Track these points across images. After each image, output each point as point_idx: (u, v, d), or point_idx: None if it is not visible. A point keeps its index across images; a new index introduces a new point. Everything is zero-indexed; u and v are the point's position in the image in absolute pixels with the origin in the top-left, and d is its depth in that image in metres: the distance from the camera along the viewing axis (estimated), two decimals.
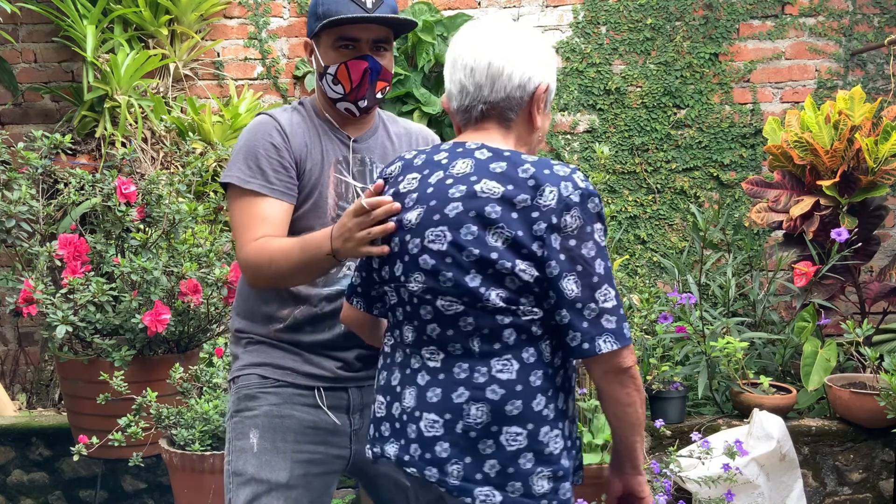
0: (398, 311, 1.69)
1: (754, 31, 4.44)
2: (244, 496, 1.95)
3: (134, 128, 3.92)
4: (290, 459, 1.96)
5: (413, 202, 1.65)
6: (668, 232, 4.45)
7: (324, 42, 1.98)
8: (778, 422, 3.16)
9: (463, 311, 1.59)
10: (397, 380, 1.69)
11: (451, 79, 1.70)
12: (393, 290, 1.68)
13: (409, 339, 1.68)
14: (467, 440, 1.59)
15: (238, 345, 2.07)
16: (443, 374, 1.62)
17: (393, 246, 1.66)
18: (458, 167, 1.63)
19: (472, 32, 1.69)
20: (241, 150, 1.97)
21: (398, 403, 1.67)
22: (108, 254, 3.22)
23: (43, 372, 4.19)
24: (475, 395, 1.59)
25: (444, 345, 1.62)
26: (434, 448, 1.61)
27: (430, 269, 1.60)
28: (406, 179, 1.69)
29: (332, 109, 2.04)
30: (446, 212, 1.60)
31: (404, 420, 1.65)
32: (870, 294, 3.86)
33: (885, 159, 3.61)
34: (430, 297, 1.61)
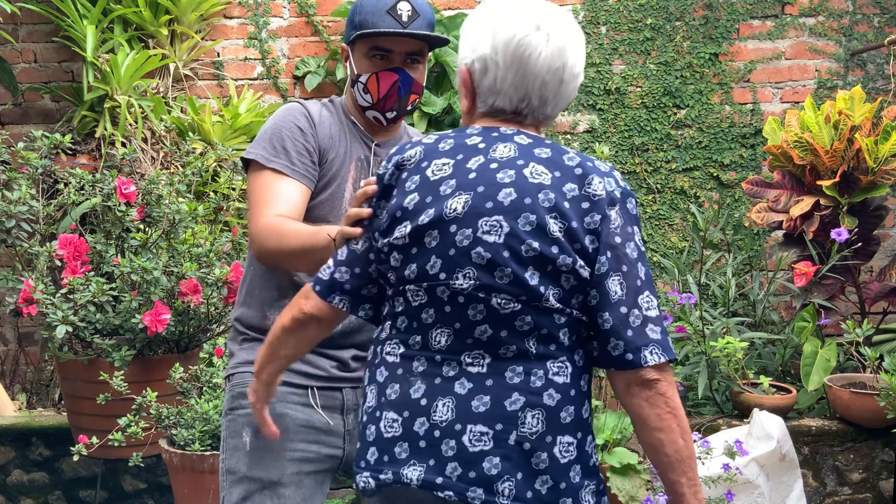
0: (424, 313, 1.50)
1: (754, 31, 4.44)
2: (237, 494, 1.96)
3: (134, 128, 3.92)
4: (282, 458, 1.96)
5: (452, 189, 1.48)
6: (668, 232, 4.45)
7: (358, 50, 2.00)
8: (778, 422, 3.16)
9: (520, 309, 1.44)
10: (421, 392, 1.49)
11: (513, 82, 1.52)
12: (422, 290, 1.49)
13: (441, 344, 1.49)
14: (521, 453, 1.44)
15: (235, 341, 2.08)
16: (491, 380, 1.46)
17: (429, 241, 1.48)
18: (499, 151, 1.50)
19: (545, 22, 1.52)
20: (267, 131, 2.00)
21: (424, 419, 1.47)
22: (108, 254, 3.22)
23: (43, 372, 4.19)
24: (532, 401, 1.45)
25: (494, 347, 1.46)
26: (482, 465, 1.43)
27: (485, 264, 1.44)
28: (434, 165, 1.52)
29: (360, 116, 2.07)
30: (500, 199, 1.45)
31: (436, 436, 1.46)
32: (870, 294, 3.86)
33: (885, 159, 3.61)
34: (484, 294, 1.45)
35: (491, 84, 1.54)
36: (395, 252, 1.51)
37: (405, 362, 1.52)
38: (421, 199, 1.50)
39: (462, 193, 1.47)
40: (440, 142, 1.55)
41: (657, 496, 2.77)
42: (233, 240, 3.45)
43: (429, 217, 1.48)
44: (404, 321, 1.53)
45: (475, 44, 1.54)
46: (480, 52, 1.53)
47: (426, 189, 1.50)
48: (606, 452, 2.87)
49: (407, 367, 1.52)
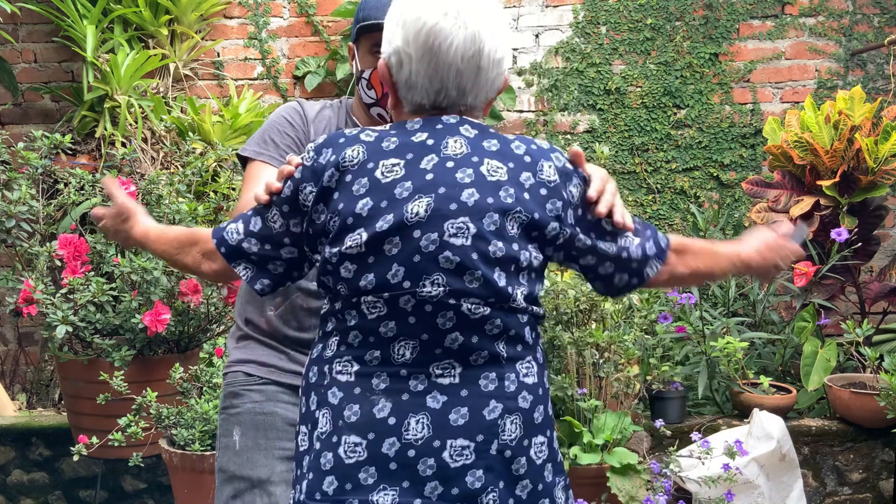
0: (383, 326, 1.41)
1: (754, 31, 4.44)
2: (226, 493, 1.98)
3: (134, 128, 3.92)
4: (271, 456, 1.97)
5: (409, 192, 1.40)
6: (668, 232, 4.45)
7: (362, 47, 2.00)
8: (778, 422, 3.16)
9: (490, 312, 1.40)
10: (387, 410, 1.40)
11: (426, 74, 1.44)
12: (381, 301, 1.40)
13: (405, 357, 1.41)
14: (502, 461, 1.40)
15: (233, 337, 2.10)
16: (465, 390, 1.41)
17: (388, 248, 1.39)
18: (451, 147, 1.43)
19: (457, 10, 1.43)
20: (262, 128, 2.03)
21: (394, 439, 1.39)
22: (108, 254, 3.22)
23: (43, 372, 4.19)
24: (509, 407, 1.41)
25: (465, 355, 1.41)
26: (465, 479, 1.38)
27: (454, 268, 1.38)
28: (382, 166, 1.42)
29: (365, 115, 2.05)
30: (463, 199, 1.39)
31: (410, 456, 1.38)
32: (870, 294, 3.86)
33: (885, 159, 3.61)
34: (455, 300, 1.39)
35: (406, 78, 1.46)
36: (348, 262, 1.41)
37: (362, 380, 1.42)
38: (375, 204, 1.40)
39: (422, 196, 1.39)
40: (382, 140, 1.45)
41: (657, 496, 2.77)
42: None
43: (387, 223, 1.38)
44: (357, 336, 1.43)
45: (390, 36, 1.47)
46: (394, 44, 1.45)
47: (379, 193, 1.40)
48: (606, 452, 2.87)
49: (365, 385, 1.41)
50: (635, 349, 3.06)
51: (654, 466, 2.85)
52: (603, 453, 2.87)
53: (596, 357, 3.05)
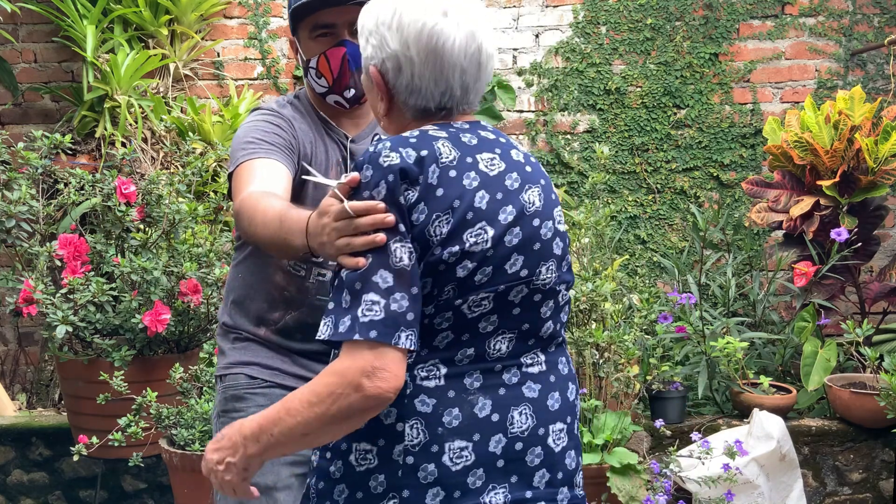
0: (483, 322, 1.37)
1: (754, 31, 4.44)
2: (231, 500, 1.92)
3: (134, 128, 3.92)
4: (276, 462, 1.92)
5: (519, 182, 1.40)
6: (668, 232, 4.45)
7: (302, 35, 1.90)
8: (778, 422, 3.16)
9: (567, 299, 1.48)
10: (489, 408, 1.37)
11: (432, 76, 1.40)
12: (489, 297, 1.36)
13: (501, 351, 1.39)
14: (577, 440, 1.48)
15: (226, 339, 2.02)
16: (552, 376, 1.45)
17: (509, 239, 1.36)
18: (517, 146, 1.49)
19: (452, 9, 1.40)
20: (237, 140, 1.88)
21: (500, 435, 1.37)
22: (108, 254, 3.22)
23: (43, 372, 4.19)
24: (576, 387, 1.50)
25: (547, 343, 1.45)
26: (564, 462, 1.43)
27: (560, 254, 1.44)
28: (482, 160, 1.38)
29: (323, 104, 1.96)
30: (554, 190, 1.47)
31: (517, 450, 1.38)
32: (870, 294, 3.86)
33: (885, 159, 3.61)
34: (558, 286, 1.44)
35: (408, 82, 1.41)
36: (468, 260, 1.33)
37: (454, 382, 1.37)
38: (492, 197, 1.36)
39: (532, 186, 1.41)
40: (458, 135, 1.40)
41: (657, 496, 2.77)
42: (232, 240, 3.45)
43: (510, 215, 1.37)
44: (447, 337, 1.36)
45: (380, 41, 1.41)
46: (389, 49, 1.40)
47: (491, 185, 1.36)
48: (606, 452, 2.87)
49: (458, 387, 1.37)
50: (635, 349, 3.06)
51: (654, 466, 2.86)
52: (603, 453, 2.87)
53: (596, 357, 3.05)
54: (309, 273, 1.92)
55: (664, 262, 4.19)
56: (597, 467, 2.83)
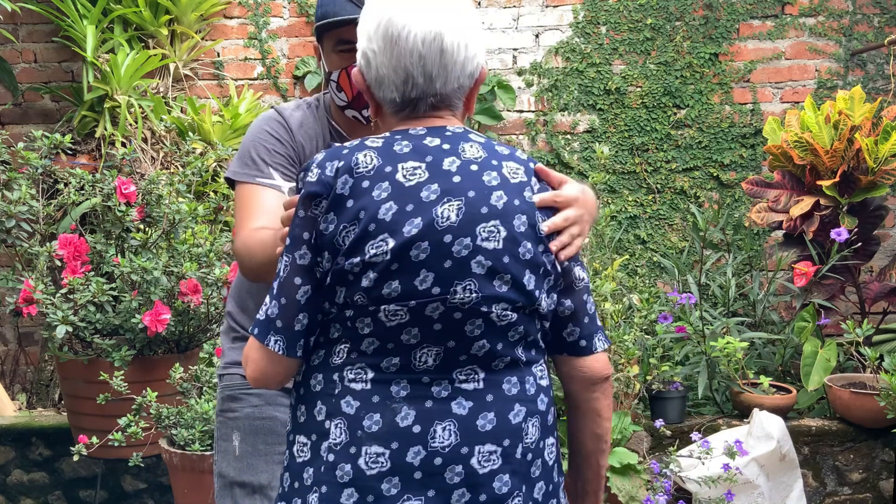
0: (405, 334, 1.36)
1: (754, 31, 4.44)
2: (227, 499, 1.95)
3: (134, 128, 3.92)
4: (271, 461, 1.94)
5: (437, 195, 1.34)
6: (668, 232, 4.45)
7: (326, 46, 1.89)
8: (778, 422, 3.16)
9: (516, 319, 1.38)
10: (411, 418, 1.36)
11: (390, 64, 1.39)
12: (403, 309, 1.35)
13: (427, 364, 1.37)
14: (524, 464, 1.40)
15: (227, 337, 2.05)
16: (490, 395, 1.38)
17: (416, 254, 1.33)
18: (469, 151, 1.40)
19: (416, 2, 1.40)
20: (242, 145, 1.93)
21: (419, 447, 1.35)
22: (108, 254, 3.22)
23: (43, 372, 4.19)
24: (531, 410, 1.41)
25: (488, 361, 1.39)
26: (492, 485, 1.37)
27: (486, 273, 1.34)
28: (402, 170, 1.36)
29: (341, 116, 1.96)
30: (493, 202, 1.36)
31: (437, 465, 1.35)
32: (870, 294, 3.86)
33: (885, 159, 3.61)
34: (486, 306, 1.35)
35: (375, 75, 1.41)
36: (370, 271, 1.33)
37: (380, 388, 1.37)
38: (400, 209, 1.33)
39: (451, 199, 1.34)
40: (392, 144, 1.38)
41: (657, 496, 2.77)
42: (232, 240, 3.44)
43: (416, 227, 1.32)
44: (373, 343, 1.37)
45: (360, 42, 1.44)
46: (362, 46, 1.42)
47: (403, 197, 1.33)
48: None
49: (384, 393, 1.36)
50: (635, 349, 3.06)
51: (654, 466, 2.86)
52: None
53: None
54: None
55: (664, 262, 4.19)
56: None
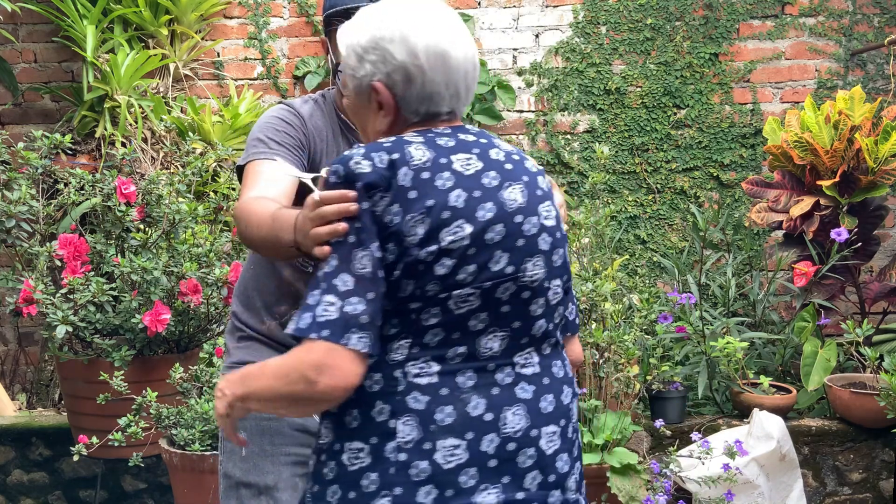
0: (473, 320, 1.38)
1: (754, 31, 4.44)
2: (233, 500, 1.95)
3: (134, 128, 3.92)
4: (278, 462, 1.94)
5: (498, 180, 1.41)
6: (668, 232, 4.45)
7: (334, 38, 1.89)
8: (778, 422, 3.16)
9: (562, 297, 1.47)
10: (482, 407, 1.38)
11: (443, 81, 1.44)
12: (475, 294, 1.37)
13: (493, 350, 1.40)
14: (574, 444, 1.48)
15: (232, 336, 2.05)
16: (546, 378, 1.45)
17: (491, 236, 1.37)
18: (500, 145, 1.49)
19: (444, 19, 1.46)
20: (251, 135, 1.93)
21: (493, 435, 1.38)
22: (108, 254, 3.22)
23: (43, 372, 4.19)
24: (574, 390, 1.51)
25: (540, 343, 1.45)
26: (556, 465, 1.43)
27: (548, 249, 1.44)
28: (457, 160, 1.40)
29: None
30: (541, 185, 1.47)
31: (510, 450, 1.39)
32: (870, 294, 3.86)
33: (885, 159, 3.61)
34: (547, 283, 1.44)
35: (420, 91, 1.44)
36: (446, 258, 1.35)
37: (446, 379, 1.37)
38: (468, 195, 1.37)
39: (512, 183, 1.42)
40: (435, 139, 1.43)
41: (657, 496, 2.76)
42: (233, 240, 3.45)
43: (489, 211, 1.38)
44: (438, 334, 1.38)
45: (382, 56, 1.44)
46: (396, 62, 1.43)
47: (467, 184, 1.38)
48: (606, 452, 2.87)
49: (451, 384, 1.37)
50: (635, 349, 3.06)
51: (654, 466, 2.86)
52: (603, 453, 2.87)
53: (596, 357, 3.05)
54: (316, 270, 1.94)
55: (664, 262, 4.19)
56: (597, 467, 2.83)
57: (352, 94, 1.51)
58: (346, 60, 1.48)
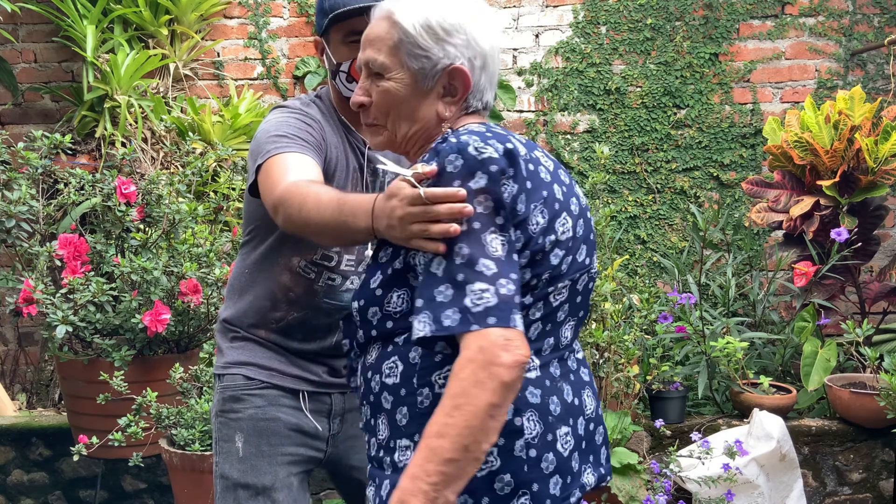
0: (561, 311, 1.43)
1: (754, 31, 4.44)
2: (231, 501, 1.94)
3: (134, 128, 3.92)
4: (274, 463, 1.94)
5: (569, 178, 1.49)
6: (668, 232, 4.45)
7: (334, 38, 1.87)
8: (778, 422, 3.16)
9: None
10: (570, 393, 1.44)
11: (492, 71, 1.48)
12: (567, 285, 1.42)
13: (567, 338, 1.47)
14: None
15: (224, 337, 2.02)
16: (584, 364, 1.54)
17: (578, 230, 1.43)
18: None
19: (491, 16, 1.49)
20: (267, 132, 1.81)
21: (581, 417, 1.45)
22: (108, 254, 3.22)
23: (43, 372, 4.19)
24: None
25: None
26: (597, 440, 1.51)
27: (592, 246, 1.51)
28: (541, 156, 1.45)
29: (347, 110, 1.91)
30: None
31: (591, 430, 1.47)
32: (870, 294, 3.86)
33: (884, 159, 3.61)
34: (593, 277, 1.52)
35: (485, 80, 1.47)
36: (558, 248, 1.38)
37: (545, 371, 1.40)
38: (561, 189, 1.42)
39: (574, 182, 1.50)
40: (511, 134, 1.44)
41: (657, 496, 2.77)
42: (233, 240, 3.45)
43: (576, 206, 1.45)
44: (538, 328, 1.40)
45: (468, 40, 1.43)
46: (479, 47, 1.44)
47: (557, 179, 1.42)
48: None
49: (549, 375, 1.41)
50: (635, 349, 3.06)
51: (654, 466, 2.86)
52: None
53: (596, 357, 3.05)
54: (319, 276, 1.93)
55: (664, 262, 4.19)
56: None
57: (404, 77, 1.44)
58: (415, 39, 1.43)
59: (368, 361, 1.43)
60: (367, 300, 1.41)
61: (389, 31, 1.44)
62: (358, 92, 1.51)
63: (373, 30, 1.48)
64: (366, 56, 1.48)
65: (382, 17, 1.47)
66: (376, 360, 1.41)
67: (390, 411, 1.37)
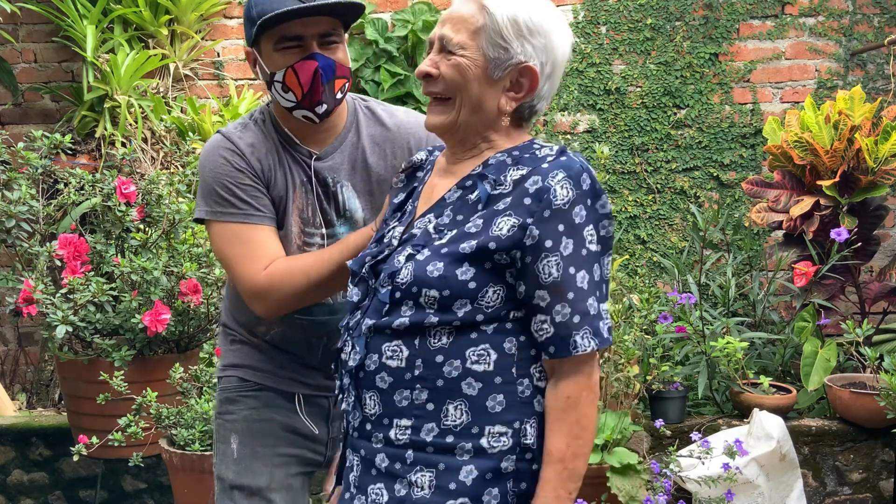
0: None
1: (754, 31, 4.44)
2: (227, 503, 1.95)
3: (134, 128, 3.92)
4: (270, 463, 1.93)
5: None
6: (668, 232, 4.45)
7: (265, 47, 1.77)
8: (778, 422, 3.16)
9: None
10: None
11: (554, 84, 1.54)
12: None
13: None
14: None
15: (224, 339, 2.04)
16: None
17: None
18: None
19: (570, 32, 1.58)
20: (203, 180, 1.80)
21: None
22: (108, 254, 3.22)
23: (43, 372, 4.19)
24: None
25: None
26: None
27: None
28: None
29: (289, 119, 1.83)
30: None
31: None
32: (870, 294, 3.86)
33: (885, 159, 3.61)
34: None
35: (547, 89, 1.52)
36: None
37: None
38: None
39: None
40: None
41: (657, 496, 2.76)
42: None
43: None
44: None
45: (546, 45, 1.48)
46: (553, 56, 1.49)
47: None
48: (606, 452, 2.87)
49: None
50: (635, 349, 3.06)
51: (654, 466, 2.85)
52: (603, 453, 2.87)
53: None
54: None
55: (664, 262, 4.19)
56: (597, 467, 2.82)
57: (479, 59, 1.47)
58: (500, 29, 1.45)
59: (434, 345, 1.43)
60: (453, 291, 1.41)
61: (475, 15, 1.47)
62: (427, 63, 1.51)
63: (457, 9, 1.49)
64: (442, 32, 1.49)
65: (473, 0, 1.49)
66: (451, 345, 1.43)
67: (476, 398, 1.43)
